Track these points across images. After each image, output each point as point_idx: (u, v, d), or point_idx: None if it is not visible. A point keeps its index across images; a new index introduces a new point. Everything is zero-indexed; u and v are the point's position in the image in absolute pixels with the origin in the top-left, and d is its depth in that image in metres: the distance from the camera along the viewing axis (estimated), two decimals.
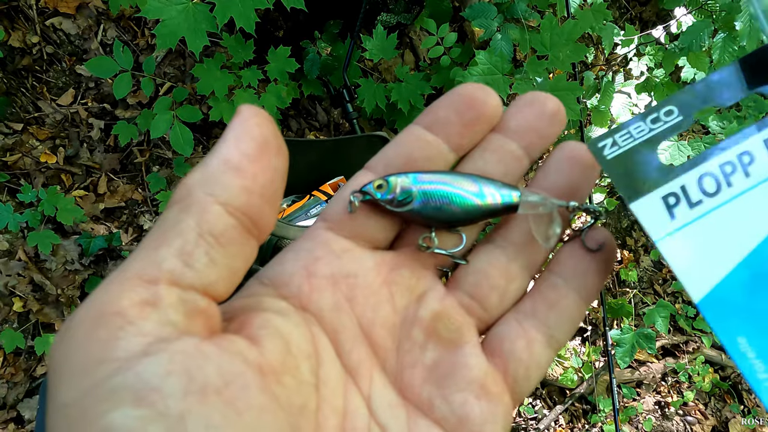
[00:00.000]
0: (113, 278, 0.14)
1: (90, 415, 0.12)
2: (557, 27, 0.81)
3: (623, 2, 1.46)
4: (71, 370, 0.13)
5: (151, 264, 0.14)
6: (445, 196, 0.19)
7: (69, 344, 0.13)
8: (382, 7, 1.08)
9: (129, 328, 0.13)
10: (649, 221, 0.17)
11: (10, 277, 1.13)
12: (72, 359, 0.13)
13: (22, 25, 1.16)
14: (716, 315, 0.16)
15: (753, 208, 0.17)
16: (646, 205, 0.17)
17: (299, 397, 0.15)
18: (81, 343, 0.13)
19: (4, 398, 1.09)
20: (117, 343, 0.13)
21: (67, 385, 0.13)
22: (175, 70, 1.24)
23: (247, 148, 0.15)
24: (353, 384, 0.17)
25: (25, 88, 1.18)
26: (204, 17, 0.71)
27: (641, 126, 0.18)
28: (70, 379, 0.13)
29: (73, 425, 0.12)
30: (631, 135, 0.18)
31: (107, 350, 0.13)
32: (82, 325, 0.13)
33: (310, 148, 0.81)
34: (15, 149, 1.16)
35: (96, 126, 1.20)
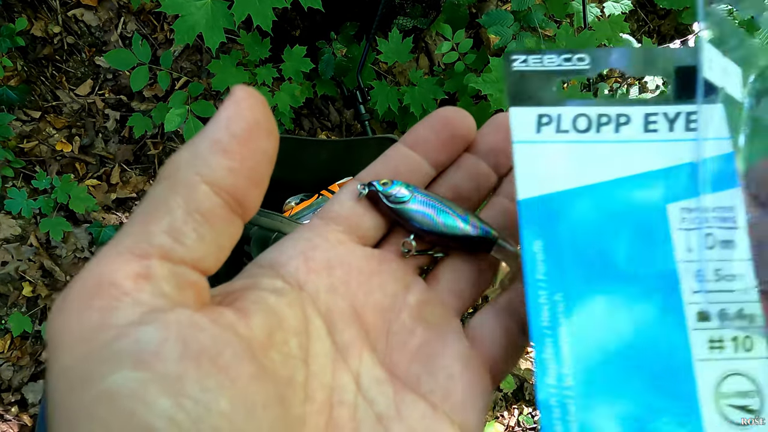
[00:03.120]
0: (106, 253, 0.14)
1: (91, 377, 0.12)
2: (573, 37, 0.81)
3: (641, 15, 1.46)
4: (70, 337, 0.13)
5: (143, 240, 0.14)
6: (435, 208, 0.21)
7: (67, 314, 0.13)
8: (399, 11, 1.08)
9: (125, 299, 0.13)
10: (517, 126, 0.20)
11: (21, 261, 1.14)
12: (70, 327, 0.13)
13: (44, 15, 1.18)
14: (528, 216, 0.19)
15: (605, 156, 0.19)
16: (521, 113, 0.20)
17: (286, 370, 0.15)
18: (79, 312, 0.13)
19: (9, 381, 1.11)
20: (115, 312, 0.13)
21: (68, 351, 0.13)
22: (192, 65, 1.26)
23: (237, 129, 0.15)
24: (343, 361, 0.18)
25: (44, 77, 1.20)
26: (222, 14, 0.72)
27: (554, 59, 0.20)
28: (69, 346, 0.13)
29: (74, 387, 0.13)
30: (542, 61, 0.20)
31: (105, 318, 0.13)
32: (79, 296, 0.14)
33: (321, 147, 0.82)
34: (32, 136, 1.18)
35: (112, 117, 1.22)
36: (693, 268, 0.18)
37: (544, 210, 0.19)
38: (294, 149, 0.78)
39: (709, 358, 0.18)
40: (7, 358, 1.11)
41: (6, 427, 1.08)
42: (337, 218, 0.21)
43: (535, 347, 0.18)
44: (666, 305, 0.18)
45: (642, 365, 0.18)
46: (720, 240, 0.18)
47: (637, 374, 0.17)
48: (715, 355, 0.18)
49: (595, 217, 0.19)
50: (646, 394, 0.17)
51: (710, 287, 0.18)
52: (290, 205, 0.81)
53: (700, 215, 0.18)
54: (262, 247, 0.70)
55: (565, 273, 0.18)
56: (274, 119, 0.17)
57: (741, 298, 0.18)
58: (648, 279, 0.18)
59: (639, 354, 0.18)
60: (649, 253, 0.18)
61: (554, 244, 0.19)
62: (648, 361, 0.18)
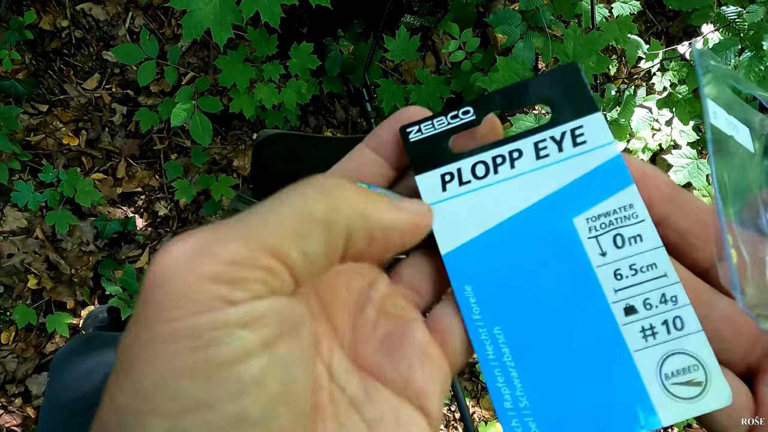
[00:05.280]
0: (237, 235, 0.15)
1: (204, 339, 0.13)
2: (581, 37, 0.80)
3: (650, 16, 1.45)
4: (185, 292, 0.14)
5: (280, 244, 0.15)
6: None
7: (184, 269, 0.14)
8: (407, 9, 1.08)
9: (243, 283, 0.14)
10: (426, 190, 0.21)
11: (26, 254, 1.15)
12: (186, 284, 0.14)
13: (53, 9, 1.19)
14: (454, 266, 0.20)
15: (507, 193, 0.21)
16: (427, 178, 0.21)
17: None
18: (196, 275, 0.14)
19: (13, 373, 1.12)
20: (234, 289, 0.14)
21: (177, 304, 0.13)
22: (199, 61, 1.26)
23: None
24: (317, 353, 0.19)
25: (52, 71, 1.20)
26: (230, 10, 0.72)
27: (442, 120, 0.22)
28: (180, 300, 0.13)
29: (180, 338, 0.13)
30: (433, 125, 0.22)
31: (225, 292, 0.14)
32: (202, 259, 0.14)
33: (327, 144, 0.82)
34: (39, 130, 1.18)
35: (118, 111, 1.23)
36: (610, 270, 0.20)
37: (465, 258, 0.20)
38: (300, 146, 0.79)
39: (644, 346, 0.19)
40: (11, 350, 1.12)
41: (10, 419, 1.09)
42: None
43: (487, 380, 0.19)
44: (594, 310, 0.19)
45: (585, 370, 0.19)
46: (628, 237, 0.20)
47: (584, 379, 0.19)
48: (650, 342, 0.19)
49: (512, 251, 0.20)
50: (595, 395, 0.19)
51: (629, 282, 0.19)
52: None
53: (604, 220, 0.20)
54: None
55: (497, 308, 0.20)
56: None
57: (660, 285, 0.19)
58: (572, 291, 0.20)
59: (580, 360, 0.19)
60: (568, 268, 0.20)
61: (482, 285, 0.20)
62: (590, 364, 0.19)
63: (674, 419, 0.18)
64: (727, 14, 0.95)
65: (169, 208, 1.24)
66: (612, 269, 0.19)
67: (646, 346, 0.19)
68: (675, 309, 0.19)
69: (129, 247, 1.22)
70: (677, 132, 1.18)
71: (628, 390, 0.18)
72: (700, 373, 0.18)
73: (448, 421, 1.45)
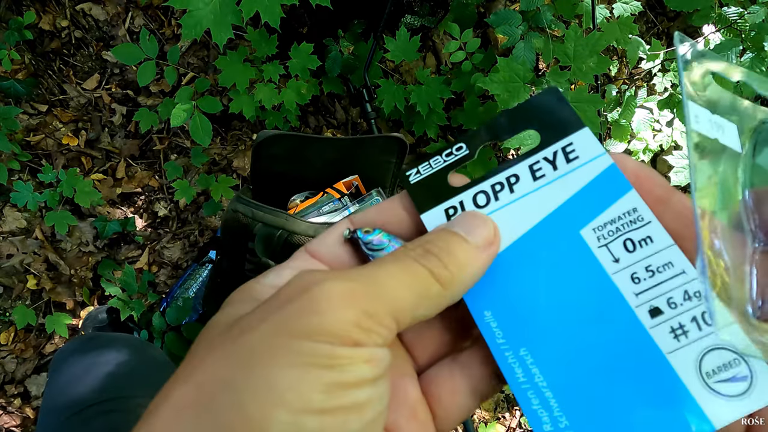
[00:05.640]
0: (377, 295, 0.18)
1: (338, 362, 0.16)
2: (582, 38, 0.80)
3: (651, 16, 1.45)
4: (333, 327, 0.16)
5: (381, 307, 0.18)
6: None
7: (337, 309, 0.17)
8: (407, 9, 1.08)
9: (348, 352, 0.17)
10: (431, 227, 0.22)
11: (26, 254, 1.15)
12: (336, 321, 0.16)
13: (53, 9, 1.18)
14: (470, 295, 0.21)
15: (510, 218, 0.21)
16: (432, 215, 0.22)
17: None
18: (345, 317, 0.17)
19: (12, 373, 1.11)
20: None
21: (323, 333, 0.16)
22: (199, 61, 1.26)
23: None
24: None
25: (52, 71, 1.20)
26: (230, 10, 0.72)
27: (438, 159, 0.23)
28: (327, 331, 0.16)
29: (319, 356, 0.16)
30: (430, 166, 0.23)
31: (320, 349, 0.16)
32: (352, 309, 0.17)
33: (327, 145, 0.82)
34: (39, 130, 1.18)
35: (118, 111, 1.22)
36: (627, 275, 0.19)
37: (480, 285, 0.20)
38: (299, 147, 0.78)
39: (678, 347, 0.18)
40: (10, 350, 1.12)
41: (9, 419, 1.09)
42: (321, 256, 0.22)
43: (522, 404, 0.19)
44: (618, 317, 0.19)
45: (622, 380, 0.18)
46: (638, 240, 0.20)
47: (622, 389, 0.18)
48: (683, 341, 0.18)
49: (525, 272, 0.20)
50: (638, 407, 0.18)
51: (648, 284, 0.19)
52: (295, 202, 0.81)
53: (611, 227, 0.20)
54: (267, 244, 0.70)
55: (520, 330, 0.20)
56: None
57: (681, 282, 0.19)
58: (592, 302, 0.19)
59: (614, 370, 0.18)
60: (584, 279, 0.20)
61: (501, 309, 0.20)
62: (626, 374, 0.18)
63: (727, 419, 0.17)
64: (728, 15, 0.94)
65: (169, 208, 1.24)
66: (628, 274, 0.19)
67: (680, 346, 0.18)
68: (701, 304, 0.18)
69: (128, 248, 1.21)
70: (678, 133, 1.18)
71: (670, 395, 0.18)
72: (743, 367, 0.17)
73: None
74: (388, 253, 0.20)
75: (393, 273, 0.18)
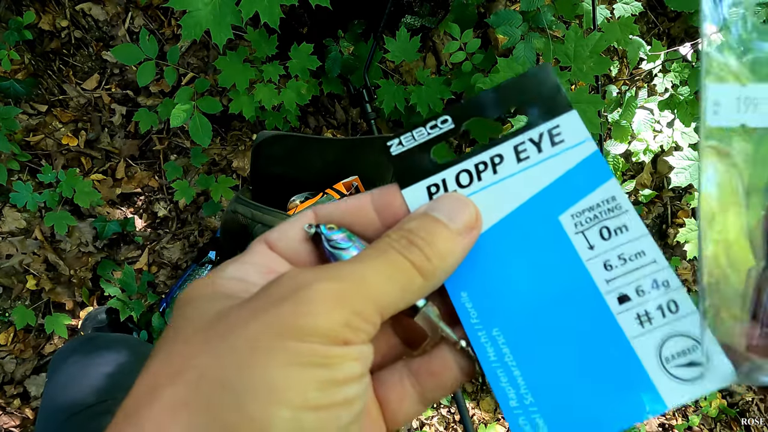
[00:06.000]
0: (364, 294, 0.18)
1: (330, 361, 0.17)
2: (582, 38, 0.80)
3: (651, 17, 1.45)
4: (325, 328, 0.17)
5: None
6: None
7: (329, 311, 0.17)
8: (407, 10, 1.08)
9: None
10: (414, 204, 0.22)
11: (25, 255, 1.15)
12: (328, 321, 0.17)
13: (52, 9, 1.18)
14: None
15: (492, 199, 0.21)
16: (413, 192, 0.22)
17: None
18: (335, 318, 0.17)
19: (12, 374, 1.11)
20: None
21: (315, 333, 0.17)
22: (199, 61, 1.25)
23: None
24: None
25: (51, 71, 1.20)
26: (230, 10, 0.72)
27: (422, 131, 0.22)
28: (319, 331, 0.17)
29: (313, 355, 0.16)
30: (413, 137, 0.22)
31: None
32: (342, 309, 0.17)
33: (326, 145, 0.82)
34: (38, 130, 1.18)
35: (118, 112, 1.22)
36: (600, 262, 0.20)
37: (458, 267, 0.21)
38: (299, 147, 0.78)
39: (642, 332, 0.19)
40: (10, 350, 1.12)
41: (8, 420, 1.08)
42: (281, 250, 0.22)
43: (491, 381, 0.20)
44: (588, 303, 0.20)
45: (586, 361, 0.19)
46: (614, 228, 0.20)
47: (586, 370, 0.19)
48: (647, 327, 0.19)
49: (503, 254, 0.21)
50: (599, 385, 0.19)
51: (620, 272, 0.20)
52: (295, 203, 0.80)
53: (589, 214, 0.21)
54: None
55: (494, 310, 0.21)
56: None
57: (651, 271, 0.20)
58: (565, 287, 0.20)
59: (581, 352, 0.20)
60: (558, 264, 0.20)
61: (477, 291, 0.21)
62: (590, 356, 0.19)
63: (678, 401, 0.18)
64: None
65: (169, 208, 1.24)
66: (602, 261, 0.20)
67: (644, 332, 0.19)
68: (668, 293, 0.19)
69: (128, 248, 1.21)
70: (679, 134, 1.17)
71: (630, 377, 0.19)
72: (698, 354, 0.19)
73: (448, 423, 1.45)
74: (370, 247, 0.20)
75: (379, 269, 0.19)
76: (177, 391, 0.16)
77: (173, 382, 0.16)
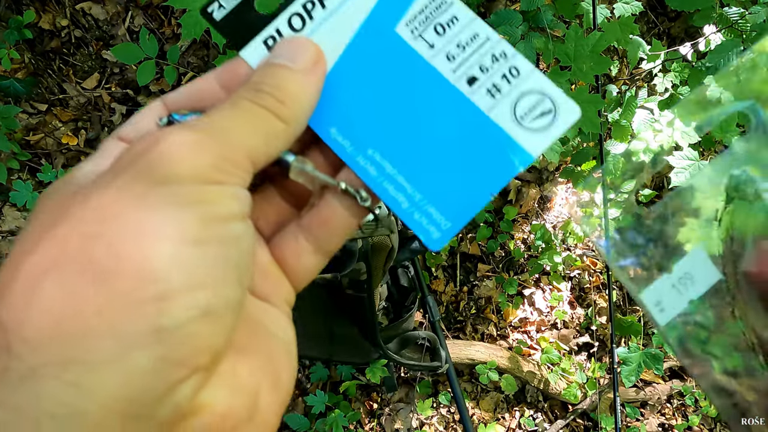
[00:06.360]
0: (226, 141, 0.18)
1: (207, 197, 0.16)
2: (582, 38, 0.80)
3: (651, 17, 1.44)
4: (191, 170, 0.16)
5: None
6: None
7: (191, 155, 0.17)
8: None
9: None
10: (254, 61, 0.22)
11: None
12: (193, 165, 0.17)
13: (52, 8, 1.18)
14: (312, 118, 0.21)
15: (329, 31, 0.22)
16: (251, 51, 0.22)
17: None
18: (201, 161, 0.17)
19: None
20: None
21: (183, 174, 0.16)
22: (199, 60, 1.25)
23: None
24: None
25: (51, 70, 1.20)
26: None
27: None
28: (187, 173, 0.16)
29: (188, 194, 0.16)
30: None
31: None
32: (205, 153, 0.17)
33: None
34: (38, 129, 1.18)
35: (118, 111, 1.22)
36: (442, 56, 0.22)
37: (319, 107, 0.22)
38: None
39: (495, 103, 0.21)
40: None
41: None
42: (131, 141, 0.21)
43: (381, 196, 0.22)
44: (444, 95, 0.22)
45: (457, 146, 0.21)
46: (445, 22, 0.22)
47: (459, 153, 0.21)
48: (498, 97, 0.21)
49: (356, 79, 0.22)
50: (472, 162, 0.21)
51: (462, 58, 0.22)
52: None
53: (420, 17, 0.22)
54: None
55: (363, 133, 0.22)
56: None
57: (488, 48, 0.21)
58: (419, 89, 0.22)
59: (449, 141, 0.21)
60: (408, 71, 0.22)
61: (343, 122, 0.22)
62: (459, 140, 0.21)
63: (540, 149, 0.21)
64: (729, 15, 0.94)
65: None
66: (444, 54, 0.22)
67: (497, 102, 0.21)
68: (507, 61, 0.21)
69: None
70: (679, 133, 1.17)
71: (496, 144, 0.21)
72: (547, 103, 0.21)
73: (447, 423, 1.45)
74: (220, 105, 0.19)
75: (236, 120, 0.18)
76: (38, 258, 0.15)
77: (33, 252, 0.15)
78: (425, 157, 0.22)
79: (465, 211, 0.21)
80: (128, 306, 0.14)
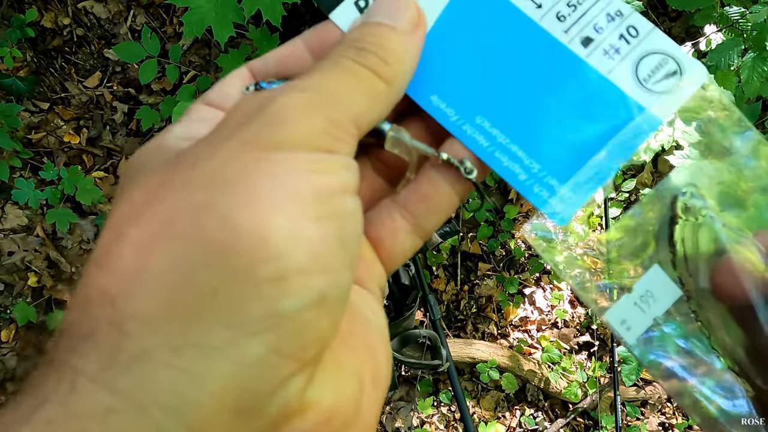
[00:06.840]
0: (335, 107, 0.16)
1: (320, 165, 0.15)
2: None
3: (652, 16, 1.44)
4: (303, 135, 0.15)
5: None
6: None
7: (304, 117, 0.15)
8: None
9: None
10: (345, 24, 0.20)
11: (27, 252, 1.15)
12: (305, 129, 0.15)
13: (54, 7, 1.18)
14: (410, 86, 0.20)
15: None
16: (342, 13, 0.21)
17: None
18: (313, 125, 0.16)
19: (13, 371, 1.12)
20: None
21: (295, 140, 0.15)
22: (200, 59, 1.26)
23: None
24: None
25: (53, 69, 1.20)
26: (231, 8, 0.72)
27: None
28: (299, 138, 0.15)
29: (300, 161, 0.15)
30: None
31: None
32: (317, 117, 0.16)
33: None
34: (40, 128, 1.18)
35: (120, 109, 1.22)
36: (552, 16, 0.20)
37: (416, 74, 0.20)
38: None
39: (614, 66, 0.20)
40: (11, 347, 1.12)
41: None
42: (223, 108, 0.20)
43: (494, 167, 0.20)
44: (558, 58, 0.20)
45: (576, 112, 0.20)
46: None
47: (578, 121, 0.20)
48: (617, 58, 0.20)
49: (457, 44, 0.20)
50: (597, 129, 0.20)
51: (574, 18, 0.20)
52: None
53: None
54: None
55: (470, 100, 0.20)
56: None
57: (602, 7, 0.20)
58: (530, 51, 0.20)
59: (567, 107, 0.20)
60: (515, 33, 0.20)
61: (445, 88, 0.20)
62: (577, 106, 0.20)
63: (669, 111, 0.19)
64: (730, 14, 0.94)
65: None
66: (554, 14, 0.20)
67: (616, 64, 0.20)
68: (624, 21, 0.20)
69: None
70: (680, 133, 1.17)
71: (620, 108, 0.19)
72: (671, 63, 0.19)
73: (448, 421, 1.45)
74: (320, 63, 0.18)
75: (340, 79, 0.17)
76: (144, 227, 0.14)
77: (137, 220, 0.14)
78: (540, 125, 0.20)
79: (591, 182, 0.19)
80: (245, 285, 0.13)
